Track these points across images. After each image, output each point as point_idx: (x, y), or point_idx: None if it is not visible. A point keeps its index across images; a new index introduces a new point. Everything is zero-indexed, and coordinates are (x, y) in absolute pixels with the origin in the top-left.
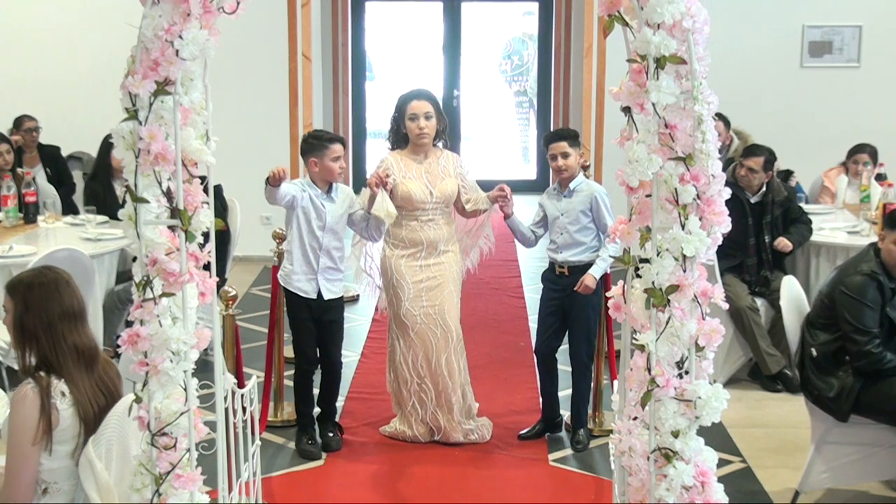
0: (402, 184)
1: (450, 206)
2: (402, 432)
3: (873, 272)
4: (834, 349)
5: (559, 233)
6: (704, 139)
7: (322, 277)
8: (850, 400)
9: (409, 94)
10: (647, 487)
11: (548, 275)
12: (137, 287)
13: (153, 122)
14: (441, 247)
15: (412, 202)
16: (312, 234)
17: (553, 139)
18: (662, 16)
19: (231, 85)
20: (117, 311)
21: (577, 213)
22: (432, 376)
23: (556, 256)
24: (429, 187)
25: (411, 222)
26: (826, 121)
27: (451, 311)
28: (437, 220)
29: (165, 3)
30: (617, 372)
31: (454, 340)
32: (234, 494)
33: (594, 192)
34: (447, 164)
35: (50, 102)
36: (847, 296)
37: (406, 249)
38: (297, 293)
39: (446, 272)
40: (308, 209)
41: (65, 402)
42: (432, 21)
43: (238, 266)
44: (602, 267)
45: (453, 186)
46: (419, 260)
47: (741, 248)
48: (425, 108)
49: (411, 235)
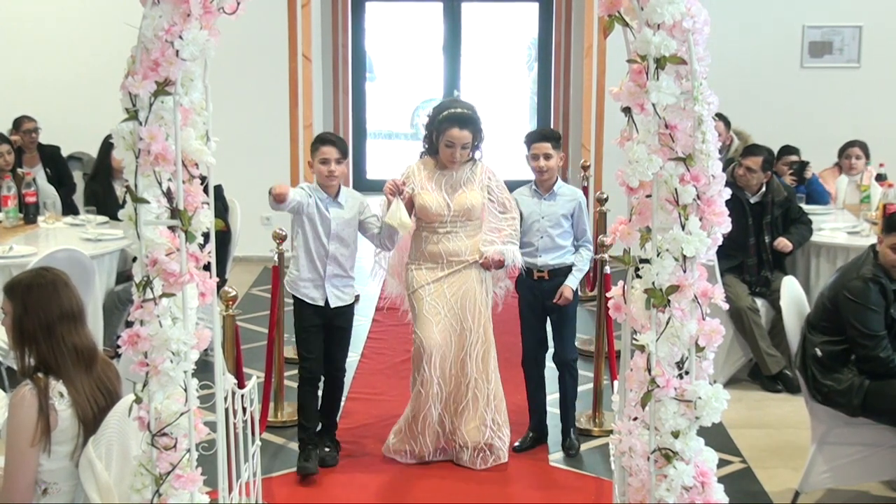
0: (419, 195)
1: (472, 218)
2: (404, 451)
3: (875, 275)
4: (839, 350)
5: (539, 236)
6: (704, 139)
7: (330, 284)
8: (861, 395)
9: (451, 118)
10: (647, 488)
11: (526, 282)
12: (137, 287)
13: (153, 123)
14: (463, 258)
15: (428, 214)
16: (318, 240)
17: (536, 139)
18: (662, 16)
19: (231, 85)
20: (117, 311)
21: (558, 216)
22: (451, 378)
23: (533, 261)
24: (446, 199)
25: (431, 235)
26: (826, 121)
27: (474, 311)
28: (458, 233)
29: (165, 4)
30: (617, 372)
31: (476, 340)
32: (235, 495)
33: (578, 198)
34: (472, 176)
35: (50, 103)
36: (851, 301)
37: (426, 262)
38: (305, 300)
39: (471, 281)
40: (313, 216)
41: (63, 402)
42: (432, 21)
43: (238, 266)
44: (578, 277)
45: (475, 199)
46: (440, 272)
47: (741, 248)
48: (464, 140)
49: (430, 248)
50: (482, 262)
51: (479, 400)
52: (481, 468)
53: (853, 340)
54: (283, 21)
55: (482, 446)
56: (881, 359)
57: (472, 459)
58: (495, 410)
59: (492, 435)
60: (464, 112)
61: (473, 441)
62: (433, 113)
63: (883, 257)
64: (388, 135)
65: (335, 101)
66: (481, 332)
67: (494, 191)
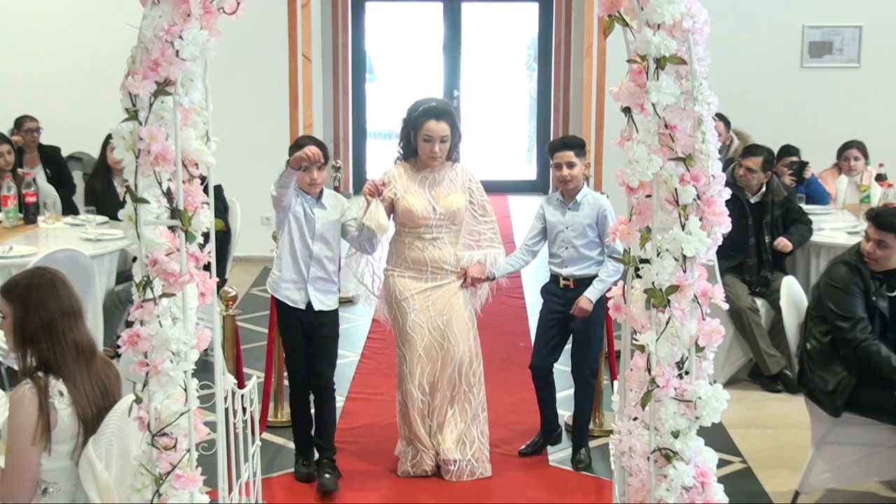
0: (402, 199)
1: (457, 223)
2: (421, 468)
3: (855, 262)
4: (827, 343)
5: (564, 247)
6: (704, 139)
7: (312, 287)
8: (844, 396)
9: (427, 111)
10: (647, 488)
11: (550, 288)
12: (137, 287)
13: (153, 123)
14: (448, 267)
15: (414, 218)
16: (303, 240)
17: (559, 148)
18: (662, 16)
19: (231, 85)
20: (117, 311)
21: (583, 226)
22: (435, 392)
23: (560, 271)
24: (432, 202)
25: (415, 241)
26: (826, 121)
27: (460, 326)
28: (443, 239)
29: (165, 4)
30: (617, 372)
31: (461, 358)
32: (234, 495)
33: (602, 206)
34: (455, 178)
35: (50, 102)
36: (830, 286)
37: (409, 270)
38: (286, 302)
39: (456, 296)
40: (299, 216)
41: (63, 401)
42: (432, 21)
43: (238, 266)
44: (600, 289)
45: (460, 201)
46: (424, 282)
47: (741, 248)
48: (442, 132)
49: (414, 255)
50: (466, 284)
51: (466, 413)
52: (468, 480)
53: (833, 325)
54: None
55: (468, 459)
56: (858, 339)
57: (459, 473)
58: (482, 424)
59: (480, 447)
60: (439, 105)
61: (460, 455)
62: (408, 112)
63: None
64: (388, 135)
65: (335, 101)
66: (469, 345)
67: (475, 193)
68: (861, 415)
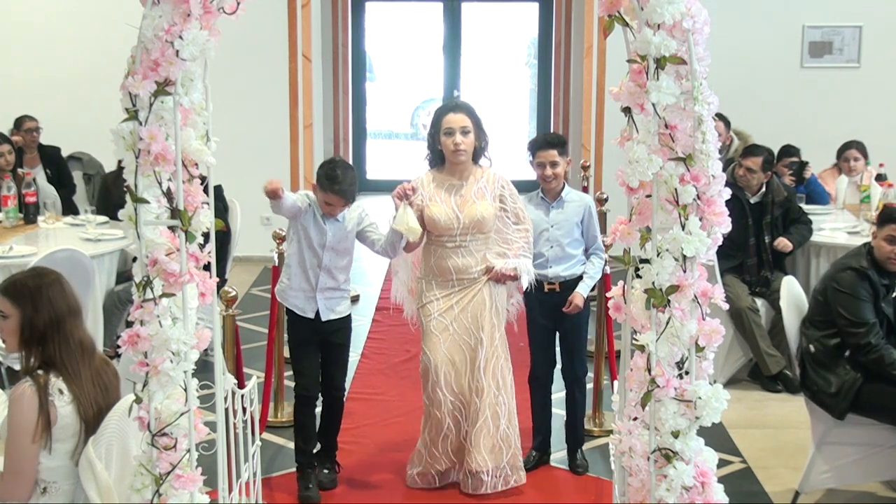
0: (427, 207)
1: (484, 231)
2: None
3: (862, 267)
4: (832, 345)
5: (548, 246)
6: (704, 139)
7: (321, 296)
8: (849, 398)
9: (445, 107)
10: (647, 488)
11: (537, 295)
12: (137, 287)
13: (153, 123)
14: (474, 274)
15: (437, 227)
16: (312, 250)
17: (542, 146)
18: (662, 16)
19: (231, 85)
20: (117, 311)
21: (571, 224)
22: (464, 390)
23: (545, 272)
24: (456, 211)
25: (440, 249)
26: (826, 121)
27: (485, 324)
28: (469, 247)
29: (165, 4)
30: (617, 372)
31: (490, 354)
32: (234, 495)
33: (587, 203)
34: (485, 186)
35: (50, 102)
36: (839, 292)
37: (435, 277)
38: (295, 311)
39: (481, 294)
40: (308, 226)
41: (63, 399)
42: (432, 21)
43: (238, 266)
44: (589, 285)
45: (486, 210)
46: (450, 287)
47: (741, 248)
48: (462, 122)
49: (440, 263)
50: (490, 276)
51: (499, 417)
52: (502, 489)
53: (843, 330)
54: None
55: (503, 466)
56: (871, 345)
57: (493, 483)
58: (515, 428)
59: (515, 453)
60: (455, 101)
61: (494, 463)
62: (431, 117)
63: (878, 251)
64: (388, 135)
65: (335, 101)
66: (496, 345)
67: (508, 200)
68: (864, 415)
